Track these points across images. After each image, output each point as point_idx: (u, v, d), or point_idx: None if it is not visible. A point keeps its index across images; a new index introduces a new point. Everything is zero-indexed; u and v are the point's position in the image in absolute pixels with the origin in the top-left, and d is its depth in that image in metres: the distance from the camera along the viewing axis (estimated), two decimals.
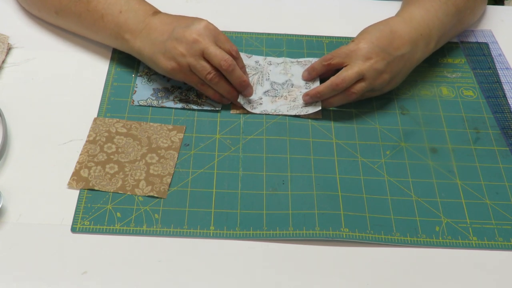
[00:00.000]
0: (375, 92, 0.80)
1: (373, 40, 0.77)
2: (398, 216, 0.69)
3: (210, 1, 0.96)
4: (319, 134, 0.78)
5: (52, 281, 0.62)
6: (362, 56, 0.76)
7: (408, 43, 0.78)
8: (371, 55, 0.76)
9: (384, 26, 0.79)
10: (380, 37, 0.77)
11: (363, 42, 0.77)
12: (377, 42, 0.77)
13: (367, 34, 0.78)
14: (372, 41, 0.77)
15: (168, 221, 0.67)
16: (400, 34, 0.78)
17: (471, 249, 0.67)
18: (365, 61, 0.76)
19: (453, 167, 0.75)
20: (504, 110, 0.82)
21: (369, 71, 0.76)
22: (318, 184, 0.72)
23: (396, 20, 0.80)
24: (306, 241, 0.67)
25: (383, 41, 0.77)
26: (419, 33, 0.79)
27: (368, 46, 0.76)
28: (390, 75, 0.77)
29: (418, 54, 0.80)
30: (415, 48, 0.79)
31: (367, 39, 0.77)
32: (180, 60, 0.75)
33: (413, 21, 0.80)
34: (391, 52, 0.77)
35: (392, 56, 0.77)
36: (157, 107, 0.79)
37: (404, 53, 0.77)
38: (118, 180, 0.70)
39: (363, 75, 0.76)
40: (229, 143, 0.76)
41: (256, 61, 0.86)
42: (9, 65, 0.83)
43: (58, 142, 0.74)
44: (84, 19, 0.81)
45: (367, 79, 0.76)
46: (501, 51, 0.91)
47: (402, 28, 0.78)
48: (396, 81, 0.80)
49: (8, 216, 0.66)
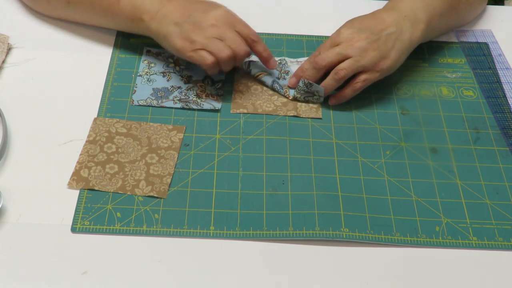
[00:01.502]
0: (374, 74, 0.78)
1: (354, 25, 0.80)
2: (398, 216, 0.69)
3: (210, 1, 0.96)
4: (319, 134, 0.78)
5: (52, 281, 0.62)
6: (344, 39, 0.78)
7: (392, 24, 0.79)
8: (352, 36, 0.78)
9: (367, 16, 0.82)
10: (362, 21, 0.80)
11: (343, 28, 0.80)
12: (358, 25, 0.80)
13: (348, 22, 0.82)
14: (353, 26, 0.80)
15: (168, 221, 0.67)
16: (383, 18, 0.80)
17: (471, 249, 0.67)
18: (347, 42, 0.78)
19: (453, 167, 0.75)
20: (504, 110, 0.82)
21: (351, 49, 0.77)
22: (318, 184, 0.72)
23: (379, 10, 0.83)
24: (306, 241, 0.67)
25: (365, 24, 0.79)
26: (403, 15, 0.81)
27: (349, 30, 0.79)
28: (378, 52, 0.77)
29: (407, 33, 0.80)
30: (401, 27, 0.79)
31: (347, 25, 0.81)
32: (194, 39, 0.75)
33: (395, 8, 0.82)
34: (375, 31, 0.78)
35: (376, 35, 0.78)
36: (157, 106, 0.79)
37: (390, 32, 0.78)
38: (118, 180, 0.70)
39: (345, 54, 0.77)
40: (229, 143, 0.76)
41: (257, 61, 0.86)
42: (9, 65, 0.83)
43: (58, 142, 0.74)
44: (98, 5, 0.82)
45: (352, 57, 0.77)
46: (501, 51, 0.91)
47: (385, 13, 0.81)
48: (393, 59, 0.79)
49: (8, 216, 0.66)
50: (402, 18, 0.80)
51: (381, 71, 0.78)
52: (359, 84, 0.78)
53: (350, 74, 0.78)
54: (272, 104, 0.80)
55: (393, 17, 0.80)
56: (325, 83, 0.79)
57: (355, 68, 0.77)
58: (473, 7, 0.93)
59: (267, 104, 0.80)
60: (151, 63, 0.85)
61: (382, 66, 0.78)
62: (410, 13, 0.81)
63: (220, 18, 0.76)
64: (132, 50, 0.87)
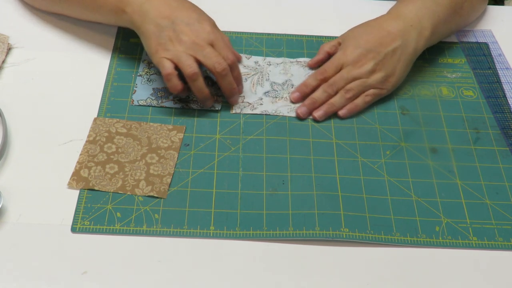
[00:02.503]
0: (382, 90, 0.80)
1: (361, 44, 0.80)
2: (398, 216, 0.69)
3: (210, 1, 0.96)
4: (319, 134, 0.78)
5: (52, 281, 0.62)
6: (351, 61, 0.79)
7: (398, 37, 0.79)
8: (359, 58, 0.79)
9: (372, 27, 0.81)
10: (368, 39, 0.80)
11: (350, 49, 0.80)
12: (364, 45, 0.79)
13: (353, 40, 0.81)
14: (359, 45, 0.79)
15: (168, 221, 0.67)
16: (389, 30, 0.80)
17: (471, 249, 0.67)
18: (354, 65, 0.79)
19: (453, 167, 0.75)
20: (504, 110, 0.82)
21: (358, 72, 0.78)
22: (318, 184, 0.72)
23: (385, 18, 0.83)
24: (306, 241, 0.67)
25: (371, 42, 0.79)
26: (409, 24, 0.80)
27: (356, 52, 0.79)
28: (384, 71, 0.79)
29: (412, 44, 0.80)
30: (407, 39, 0.80)
31: (353, 44, 0.80)
32: (169, 48, 0.74)
33: (401, 16, 0.82)
34: (380, 50, 0.79)
35: (381, 54, 0.78)
36: (157, 106, 0.79)
37: (396, 47, 0.79)
38: (118, 180, 0.70)
39: (353, 77, 0.78)
40: (229, 143, 0.76)
41: (256, 61, 0.86)
42: (9, 65, 0.83)
43: (58, 142, 0.74)
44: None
45: (360, 79, 0.78)
46: (501, 51, 0.91)
47: (390, 24, 0.81)
48: (398, 75, 0.80)
49: (8, 216, 0.66)
50: (408, 28, 0.80)
51: (387, 88, 0.80)
52: (369, 98, 0.80)
53: (358, 94, 0.79)
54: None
55: (399, 27, 0.80)
56: (334, 101, 0.79)
57: (363, 88, 0.79)
58: (475, 10, 0.93)
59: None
60: (151, 63, 0.85)
61: (389, 83, 0.80)
62: (416, 22, 0.81)
63: (200, 35, 0.74)
64: (132, 50, 0.87)
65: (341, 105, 0.79)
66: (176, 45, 0.74)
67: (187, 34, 0.74)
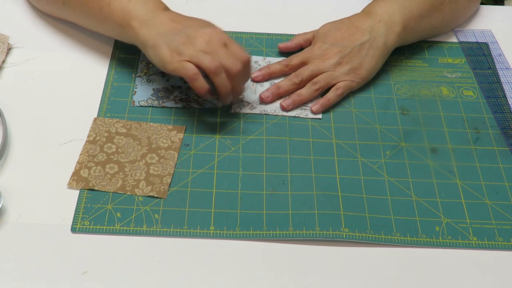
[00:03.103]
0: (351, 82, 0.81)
1: (328, 40, 0.83)
2: (398, 216, 0.69)
3: (210, 1, 0.96)
4: (319, 134, 0.78)
5: (52, 281, 0.62)
6: (317, 56, 0.82)
7: (366, 32, 0.82)
8: (325, 52, 0.82)
9: (342, 24, 0.85)
10: (335, 36, 0.83)
11: (317, 45, 0.83)
12: (331, 40, 0.82)
13: (323, 36, 0.84)
14: (326, 41, 0.83)
15: (168, 221, 0.67)
16: (358, 26, 0.83)
17: (471, 249, 0.67)
18: (320, 59, 0.82)
19: (453, 167, 0.75)
20: (504, 110, 0.82)
21: (323, 65, 0.81)
22: (318, 184, 0.72)
23: (356, 16, 0.86)
24: (306, 241, 0.67)
25: (338, 38, 0.82)
26: (377, 19, 0.83)
27: (322, 47, 0.82)
28: (350, 64, 0.81)
29: (382, 38, 0.82)
30: (375, 34, 0.82)
31: (321, 40, 0.83)
32: (183, 51, 0.72)
33: (371, 13, 0.85)
34: (347, 44, 0.82)
35: (347, 48, 0.81)
36: (158, 107, 0.79)
37: (363, 41, 0.82)
38: (118, 180, 0.70)
39: (319, 70, 0.81)
40: (229, 143, 0.76)
41: (256, 61, 0.86)
42: (9, 65, 0.83)
43: (58, 142, 0.74)
44: (90, 6, 0.80)
45: (326, 72, 0.81)
46: (501, 51, 0.91)
47: (360, 20, 0.84)
48: (367, 68, 0.82)
49: (8, 216, 0.67)
50: (376, 23, 0.83)
51: (357, 80, 0.82)
52: (340, 91, 0.81)
53: (326, 87, 0.81)
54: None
55: (368, 23, 0.83)
56: (302, 91, 0.80)
57: (330, 80, 0.81)
58: (460, 7, 0.91)
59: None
60: (150, 63, 0.85)
61: (357, 75, 0.82)
62: (385, 16, 0.83)
63: (214, 36, 0.73)
64: (132, 50, 0.86)
65: (309, 96, 0.80)
66: (190, 48, 0.72)
67: (201, 36, 0.73)
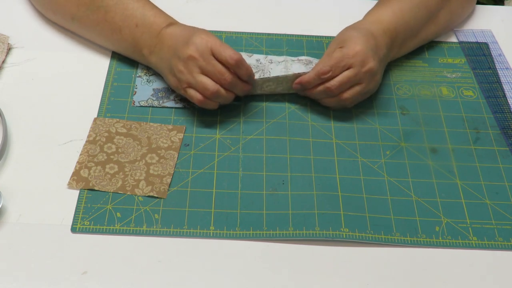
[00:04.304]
0: (365, 95, 0.79)
1: (365, 43, 0.76)
2: (398, 216, 0.69)
3: (210, 1, 0.96)
4: (319, 134, 0.78)
5: (52, 281, 0.62)
6: (361, 60, 0.75)
7: (384, 45, 0.79)
8: (367, 58, 0.75)
9: (364, 30, 0.78)
10: (368, 40, 0.76)
11: (358, 46, 0.75)
12: (368, 44, 0.76)
13: (357, 39, 0.76)
14: (365, 44, 0.75)
15: (168, 221, 0.67)
16: (376, 36, 0.78)
17: (471, 249, 0.67)
18: (363, 65, 0.75)
19: (453, 167, 0.75)
20: (504, 110, 0.82)
21: (366, 74, 0.75)
22: (318, 184, 0.72)
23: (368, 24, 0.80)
24: (306, 241, 0.67)
25: (371, 43, 0.77)
26: (389, 36, 0.80)
27: (364, 49, 0.75)
28: (380, 76, 0.78)
29: (391, 55, 0.82)
30: (390, 50, 0.81)
31: (359, 42, 0.76)
32: (180, 77, 0.74)
33: (383, 23, 0.80)
34: (379, 53, 0.77)
35: (379, 57, 0.77)
36: (158, 107, 0.79)
37: (385, 53, 0.79)
38: (118, 180, 0.70)
39: (359, 79, 0.75)
40: (229, 143, 0.76)
41: (257, 59, 0.86)
42: (9, 65, 0.83)
43: (58, 142, 0.74)
44: (102, 29, 0.81)
45: (363, 83, 0.76)
46: (501, 51, 0.91)
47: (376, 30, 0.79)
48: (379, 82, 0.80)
49: (8, 216, 0.67)
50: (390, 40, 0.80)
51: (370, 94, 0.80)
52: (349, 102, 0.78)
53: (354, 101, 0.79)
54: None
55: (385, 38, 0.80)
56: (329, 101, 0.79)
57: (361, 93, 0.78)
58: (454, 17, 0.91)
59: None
60: None
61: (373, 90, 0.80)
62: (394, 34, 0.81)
63: (199, 47, 0.72)
64: None
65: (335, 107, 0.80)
66: (186, 73, 0.73)
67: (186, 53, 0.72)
